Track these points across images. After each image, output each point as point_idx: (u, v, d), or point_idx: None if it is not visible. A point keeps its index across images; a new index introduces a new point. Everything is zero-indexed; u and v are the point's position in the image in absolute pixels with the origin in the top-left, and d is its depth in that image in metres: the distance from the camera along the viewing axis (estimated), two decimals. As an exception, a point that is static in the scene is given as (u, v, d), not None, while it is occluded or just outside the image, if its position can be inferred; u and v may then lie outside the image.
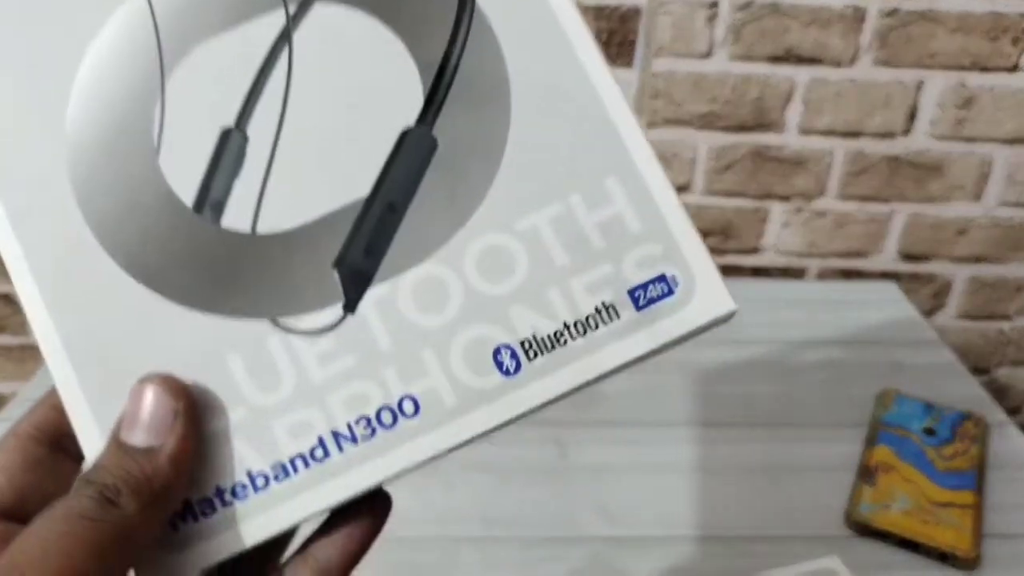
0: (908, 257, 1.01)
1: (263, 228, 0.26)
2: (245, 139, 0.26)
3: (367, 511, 0.26)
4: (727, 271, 1.01)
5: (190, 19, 0.27)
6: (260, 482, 0.26)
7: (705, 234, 0.99)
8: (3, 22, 0.26)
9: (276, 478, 0.26)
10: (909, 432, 0.69)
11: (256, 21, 0.27)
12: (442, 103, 0.27)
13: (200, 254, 0.26)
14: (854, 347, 0.84)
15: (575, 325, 0.26)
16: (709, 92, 0.91)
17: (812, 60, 0.89)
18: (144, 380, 0.25)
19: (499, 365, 0.26)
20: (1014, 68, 0.90)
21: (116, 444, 0.23)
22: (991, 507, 0.63)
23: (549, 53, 0.27)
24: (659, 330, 0.27)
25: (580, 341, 0.26)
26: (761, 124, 0.93)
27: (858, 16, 0.87)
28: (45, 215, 0.26)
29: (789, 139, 0.94)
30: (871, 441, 0.69)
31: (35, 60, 0.26)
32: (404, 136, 0.27)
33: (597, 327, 0.26)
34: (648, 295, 0.27)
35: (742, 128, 0.93)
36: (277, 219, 0.26)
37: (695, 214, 0.98)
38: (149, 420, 0.24)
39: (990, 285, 1.03)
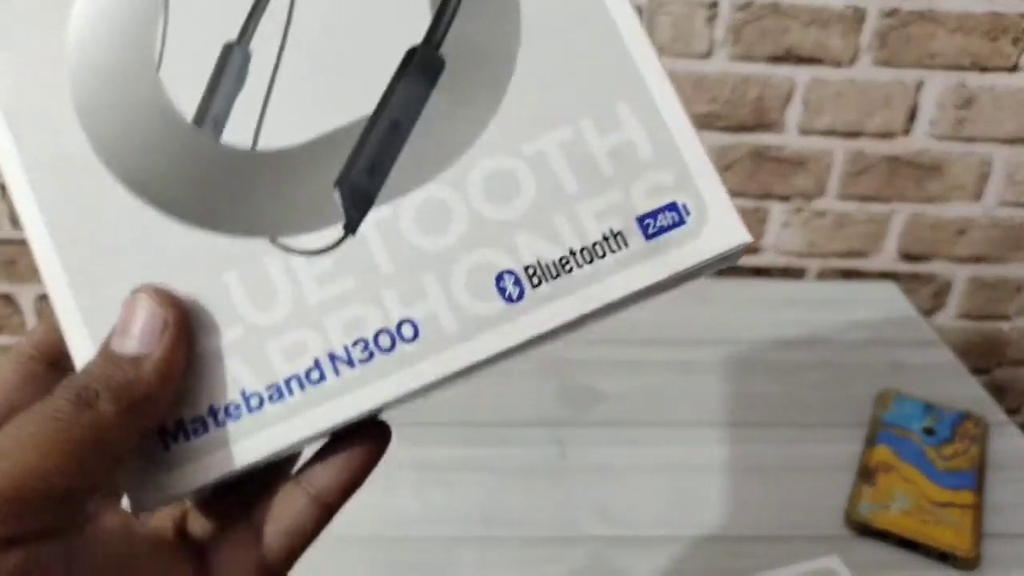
0: (908, 257, 1.01)
1: (264, 145, 0.26)
2: (248, 55, 0.26)
3: (365, 439, 0.26)
4: (727, 271, 1.02)
5: None
6: (254, 402, 0.25)
7: (705, 234, 0.99)
8: None
9: (271, 399, 0.25)
10: (909, 432, 0.69)
11: None
12: (450, 22, 0.26)
13: (199, 170, 0.26)
14: (854, 347, 0.84)
15: (581, 252, 0.26)
16: (709, 92, 0.91)
17: (812, 60, 0.89)
18: (137, 291, 0.24)
19: (502, 291, 0.25)
20: (1014, 68, 0.90)
21: (104, 352, 0.23)
22: (991, 507, 0.63)
23: None
24: (668, 260, 0.25)
25: (586, 269, 0.25)
26: (761, 124, 0.93)
27: (858, 16, 0.87)
28: (44, 125, 0.25)
29: (789, 139, 0.94)
30: (871, 441, 0.69)
31: None
32: (410, 54, 0.26)
33: (604, 255, 0.26)
34: (658, 224, 0.26)
35: (742, 128, 0.93)
36: (278, 136, 0.26)
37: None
38: (139, 330, 0.23)
39: (990, 285, 1.03)
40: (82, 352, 0.25)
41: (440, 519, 0.61)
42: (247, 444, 0.25)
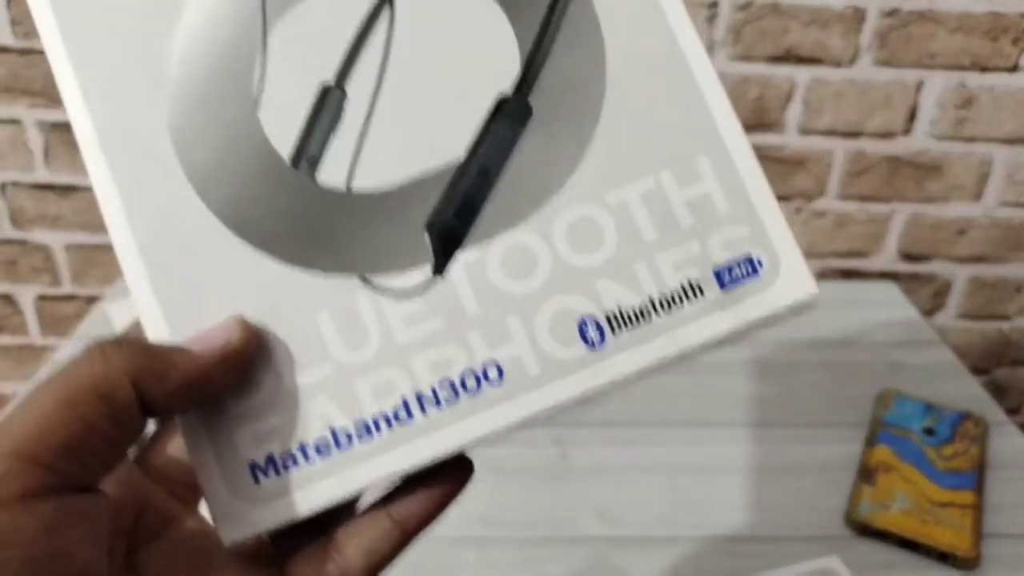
0: (908, 257, 1.01)
1: (358, 186, 0.26)
2: (344, 96, 0.27)
3: (449, 473, 0.27)
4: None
5: None
6: (343, 439, 0.26)
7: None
8: None
9: (359, 437, 0.26)
10: (909, 432, 0.69)
11: None
12: (539, 72, 0.27)
13: (294, 208, 0.26)
14: (854, 347, 0.84)
15: (660, 301, 0.26)
16: (709, 92, 0.91)
17: (812, 60, 0.89)
18: (231, 317, 0.25)
19: (584, 337, 0.26)
20: (1014, 68, 0.90)
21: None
22: (991, 507, 0.63)
23: (646, 27, 0.27)
24: (743, 310, 0.27)
25: (664, 317, 0.26)
26: (761, 124, 0.93)
27: (858, 16, 0.87)
28: (143, 160, 0.26)
29: (789, 139, 0.94)
30: (871, 441, 0.69)
31: (139, 4, 0.27)
32: (501, 103, 0.27)
33: (682, 304, 0.26)
34: (733, 275, 0.27)
35: (742, 128, 0.93)
36: (372, 177, 0.26)
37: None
38: (202, 337, 0.24)
39: (990, 285, 1.03)
40: None
41: (440, 519, 0.61)
42: (335, 480, 0.25)
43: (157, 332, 0.26)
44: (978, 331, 1.06)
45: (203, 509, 0.27)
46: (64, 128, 0.94)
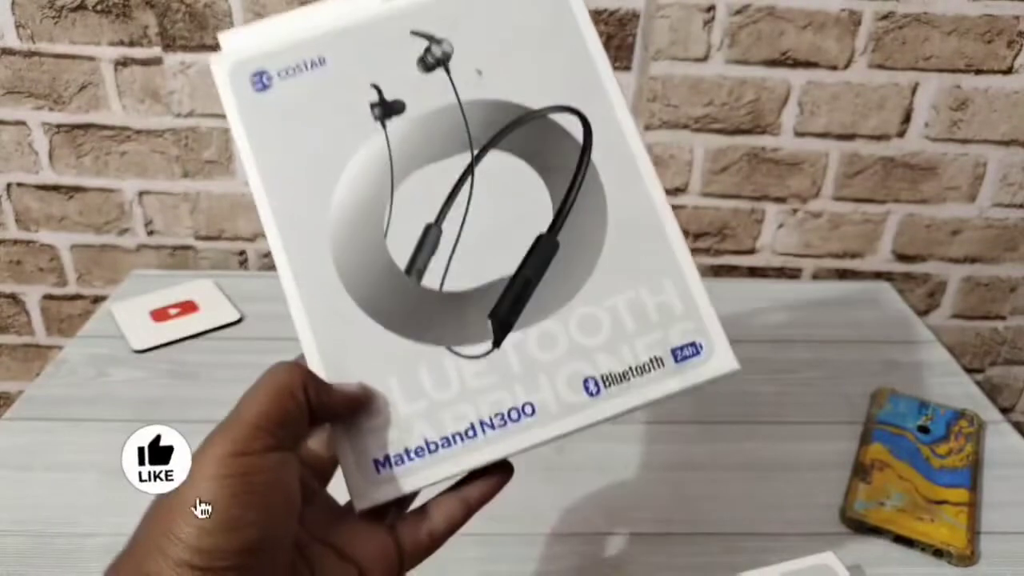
0: (903, 257, 1.02)
1: (447, 288, 0.41)
2: (440, 231, 0.42)
3: (497, 471, 0.41)
4: (724, 271, 1.02)
5: (410, 154, 0.42)
6: (432, 448, 0.40)
7: (701, 235, 1.00)
8: (301, 140, 0.42)
9: (443, 446, 0.40)
10: (904, 430, 0.70)
11: (452, 158, 0.42)
12: (565, 218, 0.42)
13: (407, 301, 0.41)
14: (849, 346, 0.84)
15: (636, 368, 0.41)
16: (706, 95, 0.92)
17: (808, 63, 0.90)
18: (360, 385, 0.40)
19: (587, 389, 0.41)
20: (1008, 70, 0.91)
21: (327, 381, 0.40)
22: (985, 504, 0.64)
23: (633, 194, 0.42)
24: (689, 376, 0.41)
25: (639, 379, 0.41)
26: (757, 126, 0.94)
27: (853, 19, 0.88)
28: (313, 264, 0.41)
29: (785, 141, 0.95)
30: (866, 439, 0.70)
31: (318, 162, 0.42)
32: (539, 239, 0.42)
33: (650, 371, 0.41)
34: (683, 354, 0.41)
35: (738, 131, 0.94)
36: (456, 282, 0.41)
37: (692, 215, 0.99)
38: (342, 386, 0.40)
39: (984, 285, 1.04)
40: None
41: (493, 500, 0.61)
42: (427, 472, 0.40)
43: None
44: (972, 330, 1.07)
45: (330, 488, 0.42)
46: (69, 130, 0.95)
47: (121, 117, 0.94)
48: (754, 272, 1.03)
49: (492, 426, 0.40)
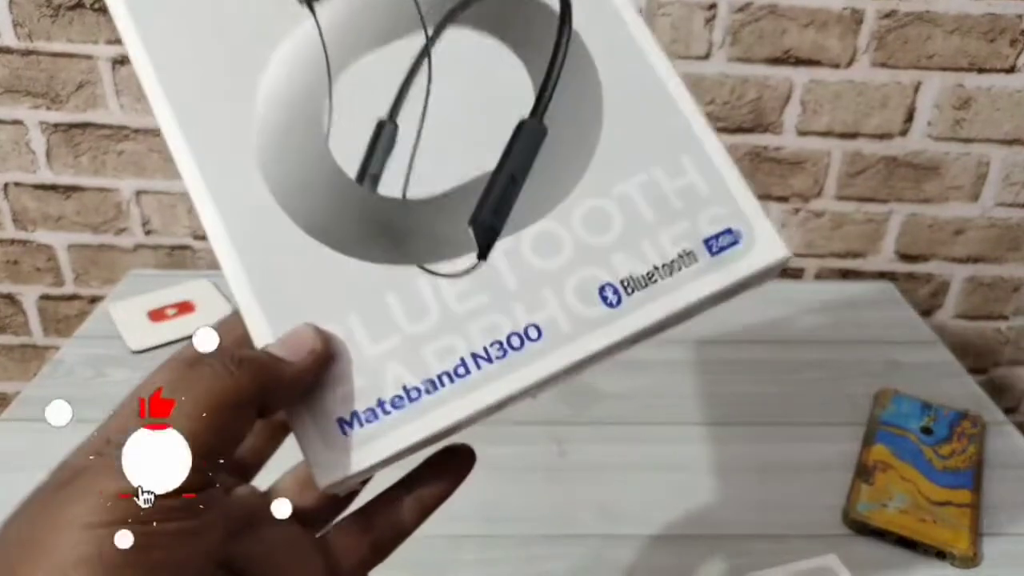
0: (905, 257, 1.02)
1: (411, 195, 0.33)
2: (396, 127, 0.34)
3: (456, 461, 0.34)
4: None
5: (347, 41, 0.35)
6: (414, 394, 0.31)
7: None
8: (210, 30, 0.34)
9: (427, 391, 0.31)
10: (907, 431, 0.70)
11: (401, 40, 0.35)
12: (549, 99, 0.34)
13: (362, 215, 0.33)
14: (852, 347, 0.84)
15: (663, 267, 0.32)
16: (708, 93, 0.91)
17: (810, 61, 0.90)
18: (303, 324, 0.31)
19: (604, 299, 0.32)
20: (1011, 69, 0.90)
21: (262, 349, 0.30)
22: (988, 506, 0.64)
23: (629, 60, 0.35)
24: (729, 271, 0.33)
25: (667, 280, 0.32)
26: (759, 125, 0.93)
27: (856, 18, 0.87)
28: (236, 183, 0.33)
29: (787, 140, 0.94)
30: (869, 440, 0.69)
31: (232, 58, 0.34)
32: (521, 125, 0.34)
33: (680, 269, 0.32)
34: (719, 244, 0.33)
35: (740, 129, 0.93)
36: (422, 187, 0.33)
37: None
38: (292, 345, 0.30)
39: (987, 285, 1.03)
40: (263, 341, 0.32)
41: (441, 517, 0.61)
42: (411, 428, 0.31)
43: (258, 326, 0.32)
44: (975, 331, 1.07)
45: (256, 481, 0.34)
46: (66, 129, 0.94)
47: (119, 116, 0.93)
48: (755, 272, 1.03)
49: (489, 358, 0.31)
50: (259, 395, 0.27)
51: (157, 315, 0.86)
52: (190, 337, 0.28)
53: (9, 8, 0.88)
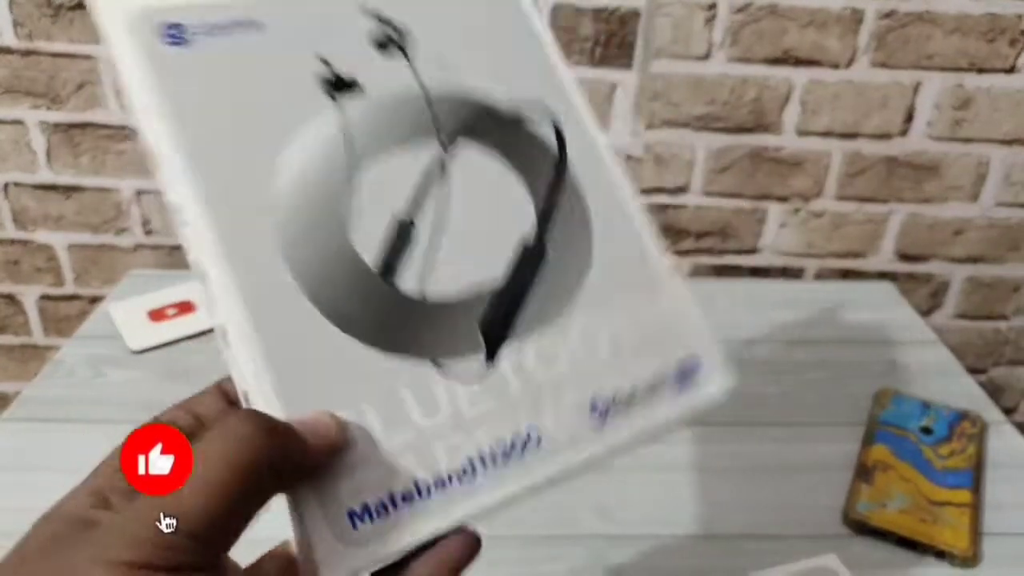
0: (905, 257, 1.02)
1: (428, 293, 0.34)
2: (414, 226, 0.35)
3: (467, 540, 0.32)
4: (726, 271, 1.02)
5: (370, 137, 0.36)
6: (424, 491, 0.31)
7: (703, 235, 1.00)
8: (230, 111, 0.33)
9: (435, 490, 0.32)
10: (906, 431, 0.70)
11: (417, 146, 0.36)
12: (548, 227, 0.37)
13: (382, 309, 0.33)
14: (852, 347, 0.84)
15: (640, 390, 0.37)
16: (707, 94, 0.91)
17: (810, 62, 0.90)
18: (325, 412, 0.30)
19: (595, 412, 0.36)
20: (1011, 69, 0.90)
21: (288, 423, 0.29)
22: (988, 506, 0.64)
23: (610, 198, 0.39)
24: (689, 399, 0.38)
25: (642, 402, 0.37)
26: (759, 125, 0.93)
27: (855, 18, 0.87)
28: (261, 269, 0.32)
29: (787, 140, 0.94)
30: (869, 440, 0.69)
31: (248, 141, 0.33)
32: (526, 248, 0.37)
33: (654, 393, 0.37)
34: (685, 372, 0.38)
35: (740, 129, 0.93)
36: (438, 287, 0.35)
37: (694, 215, 0.98)
38: (314, 432, 0.29)
39: (987, 285, 1.03)
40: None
41: None
42: (416, 527, 0.31)
43: (269, 405, 0.30)
44: (975, 331, 1.07)
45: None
46: (66, 129, 0.94)
47: (119, 116, 0.93)
48: (756, 272, 1.03)
49: (494, 462, 0.33)
50: (275, 462, 0.27)
51: (157, 315, 0.86)
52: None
53: (9, 8, 0.88)
